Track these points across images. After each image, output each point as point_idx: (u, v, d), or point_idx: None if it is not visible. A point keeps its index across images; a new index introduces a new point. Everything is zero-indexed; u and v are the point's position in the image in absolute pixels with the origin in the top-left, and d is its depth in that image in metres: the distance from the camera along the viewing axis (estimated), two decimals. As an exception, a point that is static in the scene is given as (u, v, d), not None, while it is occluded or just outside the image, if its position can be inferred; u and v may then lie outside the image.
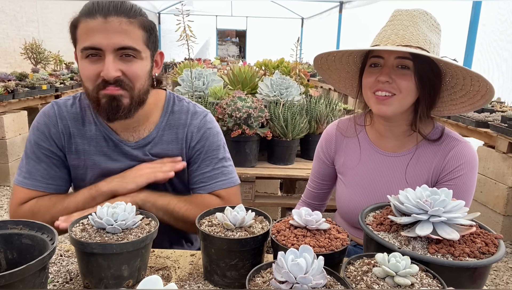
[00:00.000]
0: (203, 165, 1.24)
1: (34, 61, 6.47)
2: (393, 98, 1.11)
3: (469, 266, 0.74)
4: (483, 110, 3.85)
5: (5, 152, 3.94)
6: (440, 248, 0.78)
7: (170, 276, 0.94)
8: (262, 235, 0.88)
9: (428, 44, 1.09)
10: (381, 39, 1.13)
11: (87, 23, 1.01)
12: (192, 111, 1.26)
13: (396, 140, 1.24)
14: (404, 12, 1.13)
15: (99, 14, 1.01)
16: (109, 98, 1.05)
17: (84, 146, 1.19)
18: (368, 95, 1.16)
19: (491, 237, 0.83)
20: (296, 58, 2.55)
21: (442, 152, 1.18)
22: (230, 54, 18.62)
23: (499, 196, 3.11)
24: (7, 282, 0.65)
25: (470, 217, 0.83)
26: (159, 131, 1.21)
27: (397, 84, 1.10)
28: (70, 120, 1.19)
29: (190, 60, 3.25)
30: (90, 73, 1.04)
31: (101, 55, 1.03)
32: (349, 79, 1.34)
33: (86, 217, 0.92)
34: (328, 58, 1.25)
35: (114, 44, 1.01)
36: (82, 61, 1.05)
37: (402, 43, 1.08)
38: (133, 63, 1.06)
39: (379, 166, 1.25)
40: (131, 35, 1.04)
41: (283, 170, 2.25)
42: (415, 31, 1.09)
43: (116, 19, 1.01)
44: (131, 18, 1.03)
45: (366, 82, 1.16)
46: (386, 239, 0.83)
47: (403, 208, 0.85)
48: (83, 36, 1.03)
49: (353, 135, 1.32)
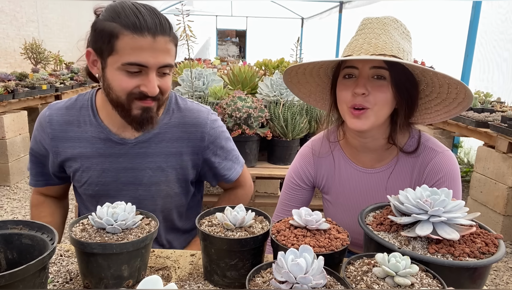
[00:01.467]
0: (220, 160, 1.31)
1: (34, 61, 6.47)
2: (369, 111, 1.06)
3: (469, 266, 0.74)
4: (483, 110, 3.85)
5: (5, 152, 3.95)
6: (440, 248, 0.78)
7: (170, 276, 0.94)
8: (262, 235, 0.88)
9: (401, 52, 1.05)
10: (353, 48, 1.08)
11: (134, 39, 1.00)
12: (197, 110, 1.28)
13: (373, 154, 1.19)
14: (374, 20, 1.09)
15: (148, 32, 1.01)
16: (143, 110, 1.09)
17: (80, 149, 1.19)
18: (344, 110, 1.10)
19: (491, 237, 0.83)
20: (296, 58, 2.55)
21: (420, 165, 1.14)
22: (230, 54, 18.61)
23: (499, 196, 3.11)
24: (7, 282, 0.65)
25: (470, 217, 0.83)
26: (162, 128, 1.21)
27: (374, 96, 1.05)
28: (63, 124, 1.20)
29: (190, 60, 3.25)
30: (128, 85, 1.05)
31: (141, 70, 1.04)
32: (320, 92, 1.27)
33: (86, 217, 0.92)
34: (299, 71, 1.18)
35: (159, 63, 1.04)
36: (118, 72, 1.04)
37: (376, 52, 1.03)
38: (166, 77, 1.10)
39: (359, 184, 1.21)
40: (171, 53, 1.07)
41: (283, 170, 2.25)
42: (388, 39, 1.05)
43: (162, 38, 1.03)
44: (171, 36, 1.06)
45: (342, 96, 1.10)
46: (386, 239, 0.83)
47: (403, 208, 0.85)
48: (128, 50, 1.01)
49: (326, 154, 1.26)
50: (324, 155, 1.27)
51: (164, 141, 1.22)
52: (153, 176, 1.22)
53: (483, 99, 4.22)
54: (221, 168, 1.32)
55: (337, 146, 1.26)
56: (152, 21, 1.01)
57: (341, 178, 1.24)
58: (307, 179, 1.30)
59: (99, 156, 1.19)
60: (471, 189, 3.51)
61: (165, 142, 1.22)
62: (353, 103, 1.06)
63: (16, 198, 3.73)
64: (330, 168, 1.27)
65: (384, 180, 1.18)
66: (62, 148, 1.20)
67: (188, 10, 2.13)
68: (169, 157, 1.22)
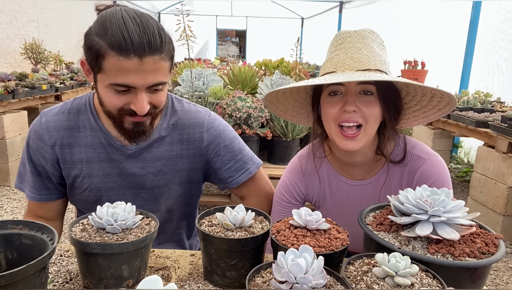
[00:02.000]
0: (225, 160, 1.26)
1: (34, 61, 6.47)
2: (361, 132, 1.05)
3: (469, 266, 0.74)
4: (483, 110, 3.85)
5: (5, 152, 3.95)
6: (440, 248, 0.78)
7: (170, 276, 0.94)
8: (262, 235, 0.88)
9: (384, 64, 1.05)
10: (335, 64, 1.06)
11: (120, 61, 0.95)
12: (195, 111, 1.26)
13: (362, 167, 1.18)
14: (353, 33, 1.08)
15: (134, 54, 0.95)
16: (135, 124, 1.08)
17: (81, 154, 1.17)
18: (332, 128, 1.08)
19: (491, 237, 0.83)
20: (296, 58, 2.55)
21: (408, 174, 1.14)
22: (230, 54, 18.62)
23: (499, 196, 3.11)
24: (7, 282, 0.65)
25: (470, 217, 0.83)
26: (160, 132, 1.20)
27: (363, 112, 1.04)
28: (62, 130, 1.17)
29: (190, 60, 3.25)
30: (117, 103, 1.03)
31: (129, 89, 1.01)
32: (297, 108, 1.26)
33: (86, 217, 0.92)
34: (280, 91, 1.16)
35: (148, 83, 1.00)
36: (106, 89, 1.02)
37: (361, 68, 1.02)
38: (159, 92, 1.06)
39: (350, 196, 1.20)
40: (163, 71, 1.02)
41: (283, 170, 2.25)
42: (369, 53, 1.04)
43: (151, 59, 0.97)
44: (162, 53, 1.00)
45: (329, 114, 1.07)
46: (386, 239, 0.83)
47: (403, 208, 0.85)
48: (114, 71, 0.98)
49: (313, 172, 1.23)
50: (311, 173, 1.24)
51: (164, 145, 1.20)
52: (155, 180, 1.21)
53: (483, 99, 4.22)
54: (225, 169, 1.26)
55: (324, 161, 1.24)
56: (140, 41, 0.95)
57: (332, 193, 1.23)
58: (297, 195, 1.27)
59: (100, 161, 1.17)
60: (471, 189, 3.51)
61: (164, 146, 1.20)
62: (342, 119, 1.05)
63: (16, 198, 3.73)
64: (320, 184, 1.25)
65: (376, 190, 1.17)
66: (62, 154, 1.17)
67: (188, 10, 2.13)
68: (170, 161, 1.21)
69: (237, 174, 1.27)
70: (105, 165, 1.18)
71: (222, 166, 1.26)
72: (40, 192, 1.21)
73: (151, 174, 1.20)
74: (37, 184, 1.21)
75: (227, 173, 1.27)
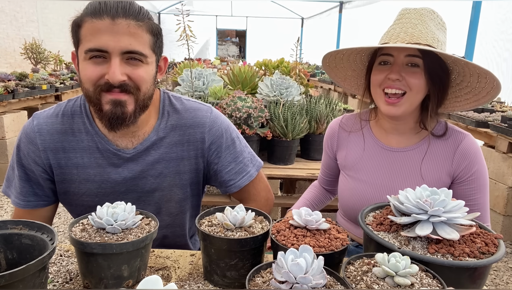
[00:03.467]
0: (226, 162, 1.22)
1: (34, 61, 6.48)
2: (404, 98, 1.12)
3: (469, 266, 0.74)
4: (483, 110, 3.85)
5: (5, 152, 3.95)
6: (440, 248, 0.78)
7: (170, 276, 0.94)
8: (262, 235, 0.88)
9: (436, 41, 1.10)
10: (390, 37, 1.14)
11: (93, 23, 0.96)
12: (195, 109, 1.20)
13: (401, 136, 1.25)
14: (412, 10, 1.14)
15: (107, 15, 0.96)
16: (113, 103, 1.01)
17: (76, 159, 1.12)
18: (378, 93, 1.17)
19: (491, 237, 0.83)
20: (296, 58, 2.55)
21: (450, 147, 1.20)
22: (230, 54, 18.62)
23: (499, 196, 3.11)
24: (7, 282, 0.65)
25: (470, 217, 0.83)
26: (158, 133, 1.15)
27: (407, 81, 1.11)
28: (55, 133, 1.12)
29: (190, 60, 3.25)
30: (92, 74, 0.99)
31: (106, 57, 0.98)
32: (355, 78, 1.34)
33: (86, 217, 0.92)
34: (337, 56, 1.26)
35: (121, 47, 0.97)
36: (84, 62, 1.00)
37: (412, 41, 1.09)
38: (139, 67, 1.02)
39: (383, 161, 1.26)
40: (139, 39, 0.99)
41: (283, 170, 2.25)
42: (424, 29, 1.10)
43: (124, 21, 0.97)
44: (139, 21, 0.99)
45: (375, 80, 1.17)
46: (386, 239, 0.83)
47: (403, 208, 0.85)
48: (88, 36, 0.97)
49: (356, 129, 1.33)
50: (353, 129, 1.34)
51: (163, 147, 1.15)
52: (155, 183, 1.17)
53: (483, 99, 4.22)
54: (225, 172, 1.22)
55: (366, 125, 1.32)
56: (114, 4, 0.96)
57: (366, 154, 1.28)
58: (331, 149, 1.40)
59: (97, 167, 1.13)
60: (471, 189, 3.50)
61: (164, 147, 1.16)
62: (386, 85, 1.13)
63: (16, 198, 3.73)
64: (356, 144, 1.31)
65: (413, 160, 1.22)
66: (56, 159, 1.12)
67: (188, 10, 2.13)
68: (170, 163, 1.17)
69: (238, 177, 1.23)
70: (102, 171, 1.13)
71: (222, 168, 1.22)
72: (27, 198, 1.15)
73: (151, 177, 1.16)
74: (24, 190, 1.15)
75: (227, 176, 1.22)
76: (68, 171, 1.13)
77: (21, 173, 1.14)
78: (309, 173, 2.22)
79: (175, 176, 1.18)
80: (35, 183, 1.15)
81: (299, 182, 2.80)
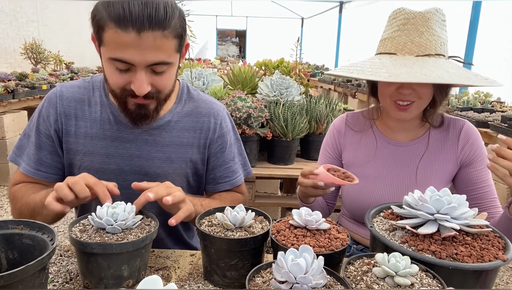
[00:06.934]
0: (217, 164, 1.23)
1: (34, 61, 6.48)
2: (414, 105, 1.14)
3: (474, 268, 0.73)
4: (483, 110, 3.85)
5: (5, 152, 3.94)
6: (444, 249, 0.78)
7: (170, 276, 0.94)
8: (262, 235, 0.88)
9: (443, 46, 1.11)
10: (397, 46, 1.11)
11: (118, 34, 0.91)
12: (212, 101, 1.24)
13: (407, 132, 1.28)
14: (417, 15, 1.11)
15: (132, 27, 0.90)
16: (138, 106, 1.04)
17: (86, 129, 1.13)
18: (387, 102, 1.18)
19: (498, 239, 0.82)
20: (296, 58, 2.55)
21: (453, 134, 1.24)
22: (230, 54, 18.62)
23: (499, 196, 3.10)
24: (6, 282, 0.65)
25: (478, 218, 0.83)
26: (173, 116, 1.17)
27: (418, 92, 1.12)
28: (73, 101, 1.14)
29: (190, 60, 3.25)
30: (118, 82, 0.99)
31: (129, 67, 0.96)
32: None
33: (86, 217, 0.92)
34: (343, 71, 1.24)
35: (147, 61, 0.95)
36: (108, 64, 0.98)
37: (421, 53, 1.08)
38: (163, 74, 1.00)
39: (392, 156, 1.27)
40: (165, 49, 0.96)
41: (283, 170, 2.25)
42: (431, 37, 1.09)
43: (150, 34, 0.91)
44: (166, 29, 0.93)
45: (385, 92, 1.17)
46: (392, 240, 0.82)
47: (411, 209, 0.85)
48: (112, 45, 0.94)
49: (364, 128, 1.33)
50: (360, 129, 1.34)
51: (175, 130, 1.16)
52: (160, 167, 1.15)
53: (483, 99, 4.22)
54: (224, 168, 1.24)
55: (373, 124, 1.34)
56: (139, 13, 0.89)
57: (380, 153, 1.29)
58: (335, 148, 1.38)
59: (104, 139, 1.13)
60: (471, 189, 3.51)
61: (176, 131, 1.16)
62: (398, 98, 1.14)
63: (16, 198, 3.73)
64: (367, 142, 1.32)
65: (420, 151, 1.25)
66: (67, 125, 1.13)
67: (188, 10, 2.13)
68: (180, 148, 1.17)
69: (234, 175, 1.26)
70: (109, 144, 1.13)
71: (222, 163, 1.24)
72: (38, 167, 1.13)
73: (158, 159, 1.15)
74: (36, 158, 1.13)
75: (225, 172, 1.24)
76: (75, 141, 1.13)
77: (37, 140, 1.14)
78: (309, 173, 2.21)
79: (182, 163, 1.18)
80: (49, 152, 1.14)
81: (299, 182, 2.79)
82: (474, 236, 0.82)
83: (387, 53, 1.14)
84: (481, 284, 0.75)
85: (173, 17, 0.95)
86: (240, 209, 0.92)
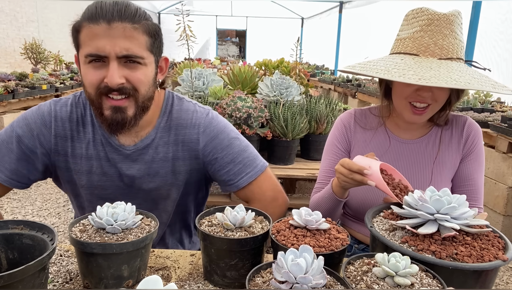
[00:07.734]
0: (223, 163, 1.20)
1: (34, 61, 6.48)
2: (429, 108, 1.15)
3: (474, 268, 0.73)
4: (483, 110, 3.85)
5: (5, 152, 3.94)
6: (444, 249, 0.78)
7: (170, 276, 0.94)
8: (262, 235, 0.88)
9: (462, 50, 1.11)
10: (419, 47, 1.10)
11: (90, 28, 0.98)
12: (192, 111, 1.21)
13: (414, 130, 1.29)
14: (442, 17, 1.09)
15: (103, 19, 0.97)
16: (113, 110, 1.04)
17: (82, 150, 1.15)
18: (403, 104, 1.17)
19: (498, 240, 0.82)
20: (296, 58, 2.55)
21: (458, 129, 1.26)
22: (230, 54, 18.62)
23: (499, 196, 3.11)
24: (6, 283, 0.65)
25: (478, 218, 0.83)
26: (157, 132, 1.17)
27: (435, 95, 1.12)
28: (67, 122, 1.15)
29: (190, 60, 3.25)
30: (93, 78, 1.01)
31: (105, 61, 1.00)
32: None
33: (86, 217, 0.92)
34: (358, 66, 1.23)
35: (118, 50, 0.99)
36: (85, 66, 1.02)
37: (444, 56, 1.08)
38: (137, 69, 1.03)
39: (402, 153, 1.28)
40: (135, 42, 1.01)
41: (283, 170, 2.25)
42: (453, 40, 1.09)
43: (120, 24, 0.98)
44: (135, 23, 1.00)
45: (402, 92, 1.15)
46: (392, 240, 0.82)
47: (410, 209, 0.85)
48: (87, 41, 1.00)
49: (374, 127, 1.32)
50: (370, 127, 1.33)
51: (160, 146, 1.17)
52: (152, 182, 1.18)
53: (483, 99, 4.22)
54: (224, 172, 1.20)
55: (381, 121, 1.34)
56: (109, 8, 0.98)
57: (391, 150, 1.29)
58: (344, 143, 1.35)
59: (99, 159, 1.15)
60: (471, 189, 3.50)
61: (161, 147, 1.17)
62: (415, 99, 1.13)
63: (16, 198, 3.73)
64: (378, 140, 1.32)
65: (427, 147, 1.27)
66: (64, 147, 1.15)
67: (188, 10, 2.13)
68: (166, 163, 1.18)
69: (236, 177, 1.20)
70: (104, 163, 1.16)
71: (220, 169, 1.20)
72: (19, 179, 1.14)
73: (147, 175, 1.17)
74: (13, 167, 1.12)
75: (226, 176, 1.21)
76: (73, 161, 1.16)
77: (19, 152, 1.12)
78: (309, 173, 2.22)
79: (172, 176, 1.20)
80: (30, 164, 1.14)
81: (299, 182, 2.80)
82: (474, 236, 0.82)
83: (407, 54, 1.12)
84: (481, 284, 0.75)
85: (144, 17, 1.03)
86: (240, 209, 0.92)
